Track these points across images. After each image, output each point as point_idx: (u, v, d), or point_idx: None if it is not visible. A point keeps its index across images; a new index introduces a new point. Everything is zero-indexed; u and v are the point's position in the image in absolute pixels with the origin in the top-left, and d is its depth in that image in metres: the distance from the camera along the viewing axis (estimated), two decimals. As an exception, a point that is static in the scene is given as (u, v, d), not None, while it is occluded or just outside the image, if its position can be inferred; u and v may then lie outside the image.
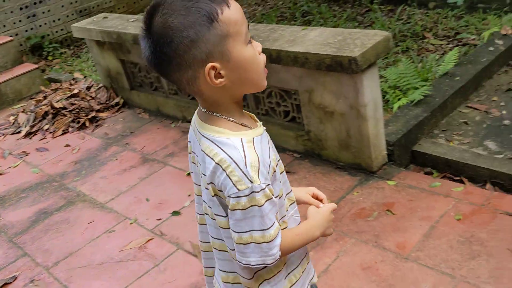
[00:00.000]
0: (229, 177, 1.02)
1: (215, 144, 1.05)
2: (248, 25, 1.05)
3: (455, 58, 3.55)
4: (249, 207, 1.03)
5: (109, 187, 3.15)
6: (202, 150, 1.08)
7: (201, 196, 1.19)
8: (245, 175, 1.01)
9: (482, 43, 3.89)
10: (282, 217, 1.17)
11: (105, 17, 4.13)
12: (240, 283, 1.19)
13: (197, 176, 1.19)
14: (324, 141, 2.88)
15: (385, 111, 3.35)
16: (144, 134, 3.73)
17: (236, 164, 1.02)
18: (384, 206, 2.47)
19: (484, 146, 2.91)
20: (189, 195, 2.87)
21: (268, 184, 1.04)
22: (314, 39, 2.62)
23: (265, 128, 1.17)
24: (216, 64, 1.00)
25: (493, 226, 2.19)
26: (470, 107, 3.30)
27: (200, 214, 1.26)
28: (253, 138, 1.07)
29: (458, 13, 4.81)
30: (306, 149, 3.03)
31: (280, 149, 3.16)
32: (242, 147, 1.03)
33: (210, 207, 1.13)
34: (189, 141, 1.22)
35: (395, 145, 2.85)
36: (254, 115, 1.20)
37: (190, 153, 1.23)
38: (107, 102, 4.38)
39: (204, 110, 1.10)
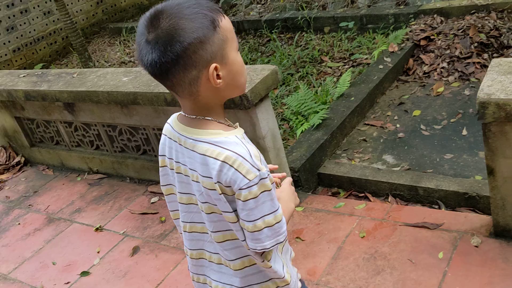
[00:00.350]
0: (238, 171, 1.09)
1: (215, 145, 1.12)
2: None
3: (349, 80, 3.73)
4: (259, 194, 1.11)
5: (12, 255, 2.94)
6: (203, 154, 1.13)
7: (190, 204, 1.25)
8: (253, 166, 1.10)
9: (373, 61, 4.12)
10: None
11: (-6, 75, 3.93)
12: (255, 263, 1.25)
13: (183, 185, 1.24)
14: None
15: (291, 137, 3.44)
16: (49, 192, 3.55)
17: (243, 157, 1.10)
18: (294, 233, 2.50)
19: (383, 160, 3.05)
20: (98, 252, 2.74)
21: (268, 170, 1.15)
22: (206, 78, 2.64)
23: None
24: (219, 65, 1.10)
25: (394, 238, 2.27)
26: (368, 124, 3.46)
27: (188, 223, 1.29)
28: (242, 134, 1.18)
29: (351, 35, 5.08)
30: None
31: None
32: (242, 142, 1.13)
33: (215, 205, 1.17)
34: (163, 155, 1.28)
35: (301, 170, 2.91)
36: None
37: (165, 166, 1.28)
38: (7, 162, 4.14)
39: (194, 116, 1.16)
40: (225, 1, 7.24)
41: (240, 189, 1.10)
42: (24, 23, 6.90)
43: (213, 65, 1.08)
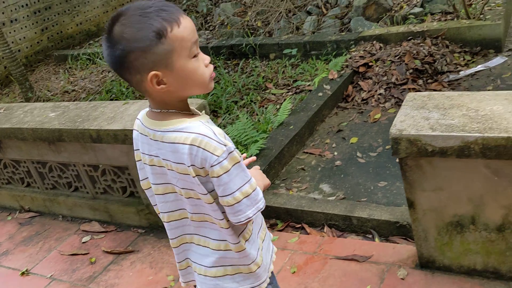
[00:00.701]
0: (206, 150, 1.18)
1: (181, 131, 1.21)
2: (197, 40, 1.21)
3: (289, 108, 3.73)
4: (231, 168, 1.20)
5: None
6: (171, 142, 1.21)
7: (166, 194, 1.33)
8: (219, 142, 1.18)
9: (314, 89, 4.15)
10: None
11: None
12: (231, 249, 1.33)
13: (158, 176, 1.31)
14: (164, 213, 2.80)
15: (228, 169, 3.39)
16: (-23, 233, 3.35)
17: (208, 137, 1.18)
18: (226, 271, 2.43)
19: (320, 189, 3.04)
20: (22, 298, 2.60)
21: (235, 148, 1.22)
22: (133, 114, 2.57)
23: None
24: (159, 73, 1.17)
25: (324, 273, 2.24)
26: (307, 153, 3.45)
27: (165, 213, 1.37)
28: (207, 120, 1.27)
29: (295, 62, 5.13)
30: (149, 223, 2.92)
31: (124, 226, 3.02)
32: (204, 124, 1.22)
33: (192, 190, 1.25)
34: (137, 149, 1.36)
35: (236, 204, 2.86)
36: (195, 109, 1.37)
37: (140, 160, 1.37)
38: None
39: (159, 110, 1.25)
40: (173, 28, 7.21)
41: (211, 166, 1.18)
42: (-36, 52, 6.65)
43: (152, 73, 1.16)
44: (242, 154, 1.37)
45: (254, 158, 1.59)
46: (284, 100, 4.40)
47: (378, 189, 2.89)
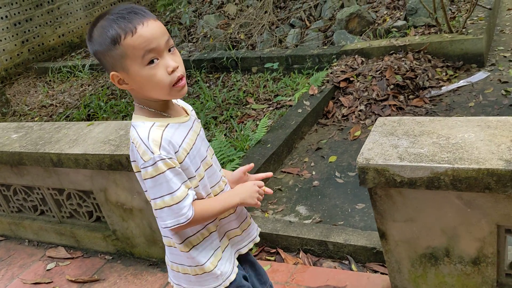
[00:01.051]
0: (138, 151, 1.28)
1: (133, 127, 1.32)
2: (155, 48, 1.25)
3: (267, 125, 3.63)
4: (156, 176, 1.27)
5: None
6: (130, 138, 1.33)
7: None
8: (148, 148, 1.26)
9: (294, 105, 4.05)
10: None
11: None
12: (176, 247, 1.43)
13: None
14: (131, 239, 2.67)
15: (202, 189, 3.27)
16: None
17: (142, 140, 1.27)
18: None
19: (296, 211, 2.93)
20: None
21: (170, 158, 1.27)
22: (97, 136, 2.45)
23: (197, 121, 1.44)
24: (118, 74, 1.28)
25: (294, 307, 2.12)
26: (284, 172, 3.34)
27: None
28: (168, 124, 1.32)
29: (277, 75, 5.04)
30: (117, 249, 2.79)
31: (92, 252, 2.88)
32: (149, 128, 1.28)
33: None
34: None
35: (207, 228, 2.74)
36: (189, 109, 1.47)
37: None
38: None
39: (135, 104, 1.36)
40: (157, 40, 7.10)
41: (141, 167, 1.28)
42: None
43: (112, 73, 1.28)
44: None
45: (270, 174, 1.64)
46: (264, 115, 4.30)
47: (355, 211, 2.78)
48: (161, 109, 1.35)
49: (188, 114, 1.43)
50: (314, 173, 3.25)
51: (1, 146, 2.66)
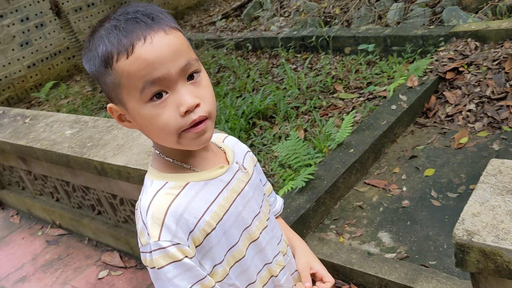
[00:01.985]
0: (137, 224, 0.95)
1: (143, 186, 0.99)
2: (161, 78, 0.86)
3: (351, 123, 3.10)
4: (153, 268, 0.90)
5: None
6: None
7: None
8: (145, 227, 0.91)
9: (388, 99, 3.47)
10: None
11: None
12: None
13: None
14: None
15: (271, 198, 2.87)
16: (6, 247, 3.18)
17: (141, 213, 0.93)
18: None
19: (378, 239, 2.43)
20: None
21: (177, 243, 0.89)
22: (144, 144, 2.14)
23: (244, 169, 1.04)
24: (116, 108, 0.94)
25: None
26: (368, 184, 2.83)
27: None
28: (188, 183, 0.94)
29: (373, 58, 4.42)
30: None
31: (145, 262, 2.64)
32: (154, 194, 0.92)
33: None
34: None
35: (269, 252, 2.35)
36: (239, 151, 1.09)
37: None
38: (-17, 203, 3.82)
39: (156, 152, 1.00)
40: (247, 13, 6.72)
41: (140, 250, 0.95)
42: (40, 37, 6.69)
43: (108, 105, 0.95)
44: (287, 184, 1.17)
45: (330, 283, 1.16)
46: (353, 107, 3.76)
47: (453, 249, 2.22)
48: (182, 158, 0.97)
49: (228, 162, 1.03)
50: (404, 189, 2.70)
51: (52, 145, 2.46)
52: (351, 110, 3.70)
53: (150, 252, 0.90)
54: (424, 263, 2.21)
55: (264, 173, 3.21)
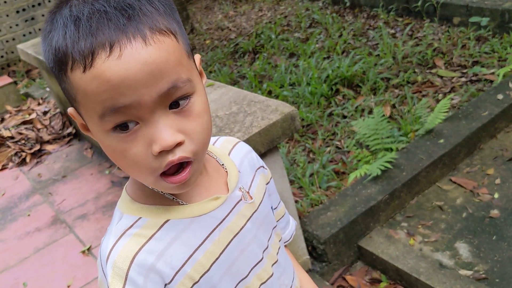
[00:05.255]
0: (98, 274, 0.73)
1: (112, 219, 0.76)
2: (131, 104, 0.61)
3: (446, 108, 2.73)
4: None
5: (1, 257, 2.68)
6: None
7: None
8: (104, 278, 0.69)
9: (495, 84, 3.01)
10: None
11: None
12: None
13: None
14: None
15: (341, 180, 2.64)
16: (74, 181, 3.24)
17: (100, 259, 0.72)
18: None
19: (454, 249, 2.13)
20: (69, 286, 2.34)
21: None
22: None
23: (248, 200, 0.79)
24: (77, 116, 0.70)
25: None
26: (454, 183, 2.49)
27: None
28: (167, 221, 0.71)
29: (484, 33, 3.88)
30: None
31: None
32: (120, 234, 0.70)
33: None
34: None
35: (328, 243, 2.15)
36: (232, 173, 0.81)
37: None
38: (60, 131, 3.93)
39: None
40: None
41: None
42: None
43: (69, 109, 0.70)
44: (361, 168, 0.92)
45: None
46: (452, 88, 3.34)
47: (544, 281, 1.89)
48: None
49: (227, 188, 0.78)
50: (496, 196, 2.34)
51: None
52: (449, 92, 3.29)
53: None
54: (506, 291, 1.90)
55: (338, 149, 2.96)
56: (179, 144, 0.63)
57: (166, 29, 0.62)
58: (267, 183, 0.90)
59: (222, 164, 0.82)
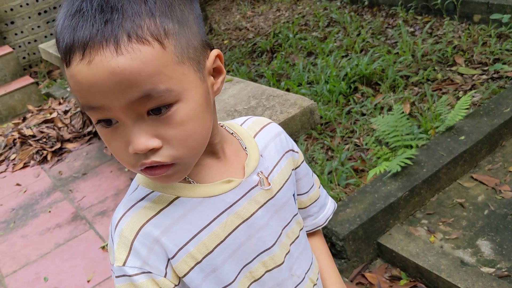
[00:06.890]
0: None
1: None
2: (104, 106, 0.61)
3: (467, 105, 2.69)
4: None
5: (22, 252, 2.73)
6: None
7: None
8: (112, 246, 0.71)
9: (517, 81, 2.97)
10: None
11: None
12: None
13: None
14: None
15: (360, 178, 2.62)
16: (94, 178, 3.28)
17: (111, 225, 0.73)
18: None
19: (476, 247, 2.10)
20: (89, 281, 2.36)
21: (148, 272, 0.69)
22: (226, 101, 1.97)
23: (264, 185, 0.78)
24: None
25: None
26: (476, 180, 2.45)
27: None
28: (177, 198, 0.72)
29: (506, 31, 3.82)
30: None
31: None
32: (132, 204, 0.72)
33: None
34: None
35: (347, 239, 2.13)
36: (252, 157, 0.79)
37: None
38: (81, 130, 3.98)
39: None
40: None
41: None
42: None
43: None
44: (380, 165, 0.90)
45: None
46: (473, 86, 3.29)
47: None
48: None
49: (243, 174, 0.77)
50: (519, 193, 2.30)
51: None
52: (470, 89, 3.24)
53: (114, 275, 0.71)
54: (530, 288, 1.86)
55: (357, 147, 2.94)
56: (154, 149, 0.62)
57: (149, 36, 0.58)
58: (295, 168, 0.89)
59: (245, 148, 0.80)
